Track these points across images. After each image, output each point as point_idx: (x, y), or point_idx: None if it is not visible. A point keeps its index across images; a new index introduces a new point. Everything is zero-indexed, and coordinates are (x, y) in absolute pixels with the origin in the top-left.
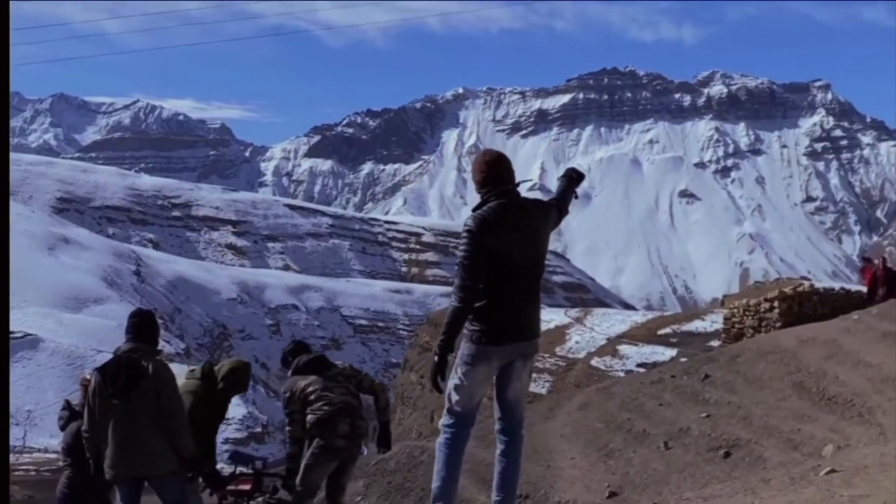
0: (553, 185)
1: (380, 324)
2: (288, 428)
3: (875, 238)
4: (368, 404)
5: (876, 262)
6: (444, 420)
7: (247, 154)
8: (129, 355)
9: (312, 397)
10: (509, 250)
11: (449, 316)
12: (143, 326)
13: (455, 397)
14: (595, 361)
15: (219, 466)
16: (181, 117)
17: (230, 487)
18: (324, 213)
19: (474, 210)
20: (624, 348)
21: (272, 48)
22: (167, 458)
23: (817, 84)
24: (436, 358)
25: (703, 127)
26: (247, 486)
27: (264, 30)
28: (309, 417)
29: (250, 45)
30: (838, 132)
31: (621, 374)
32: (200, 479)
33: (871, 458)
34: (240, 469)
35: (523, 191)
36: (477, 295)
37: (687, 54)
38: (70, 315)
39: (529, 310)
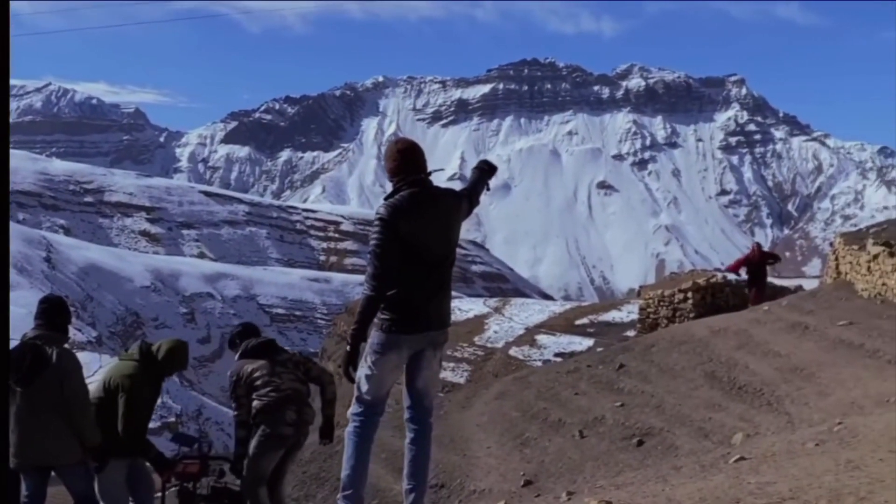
0: None
1: (297, 312)
2: (235, 413)
3: (786, 231)
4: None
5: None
6: (353, 409)
7: (161, 139)
8: (34, 342)
9: (259, 382)
10: (421, 239)
11: (361, 305)
12: (51, 312)
13: (364, 386)
14: (513, 351)
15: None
16: (94, 101)
17: (177, 470)
18: (240, 201)
19: (386, 198)
20: (542, 338)
21: (187, 32)
22: (71, 448)
23: (732, 79)
24: (348, 347)
25: (622, 119)
26: (194, 469)
27: (179, 13)
28: (255, 403)
29: (165, 28)
30: (752, 127)
31: (539, 364)
32: (147, 463)
33: (778, 445)
34: (184, 450)
35: (441, 180)
36: (389, 283)
37: (606, 47)
38: None
39: (440, 299)
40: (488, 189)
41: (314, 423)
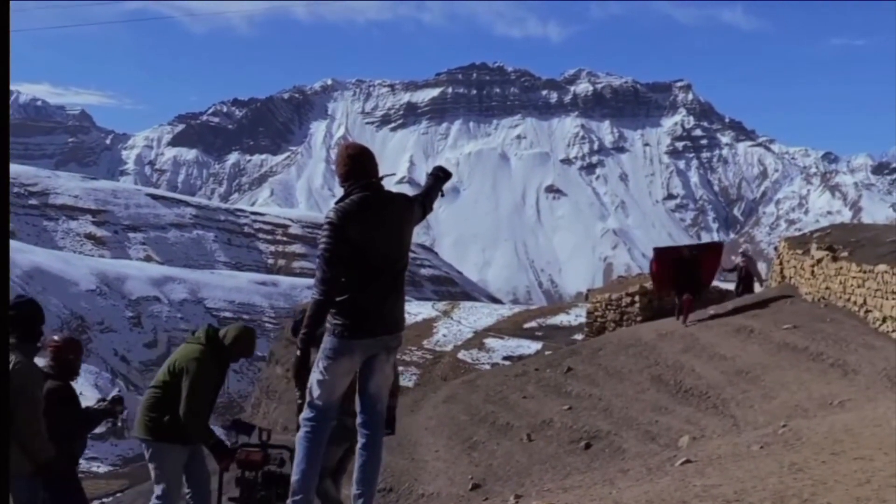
0: (422, 178)
1: (245, 316)
2: (299, 401)
3: (732, 235)
4: None
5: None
6: (304, 414)
7: (108, 142)
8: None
9: None
10: (371, 243)
11: (310, 309)
12: (19, 319)
13: (316, 391)
14: (462, 354)
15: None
16: (39, 103)
17: (239, 458)
18: (188, 204)
19: (337, 202)
20: (490, 341)
21: (132, 34)
22: (16, 461)
23: (679, 84)
24: (298, 352)
25: (570, 124)
26: (257, 458)
27: (123, 15)
28: None
29: (109, 29)
30: (698, 132)
31: (487, 367)
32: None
33: (724, 448)
34: (242, 438)
35: (390, 184)
36: (338, 288)
37: (554, 52)
38: None
39: (393, 303)
40: (442, 195)
41: None
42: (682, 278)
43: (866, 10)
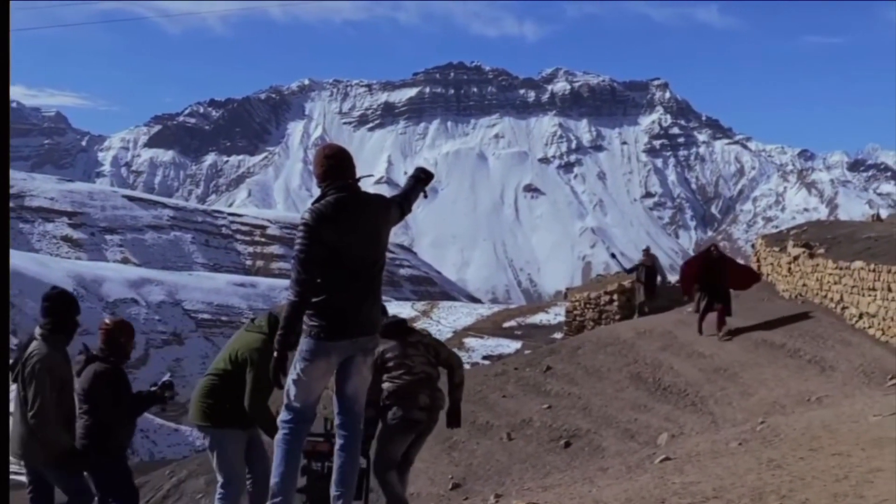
0: (400, 178)
1: (223, 318)
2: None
3: (710, 233)
4: None
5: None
6: (282, 416)
7: (83, 143)
8: (32, 337)
9: (391, 364)
10: (347, 245)
11: (286, 311)
12: (49, 310)
13: (293, 393)
14: None
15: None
16: (14, 104)
17: (305, 449)
18: (165, 205)
19: (313, 203)
20: (470, 341)
21: (107, 35)
22: (34, 451)
23: (656, 83)
24: (275, 354)
25: (547, 123)
26: (324, 448)
27: (97, 15)
28: (387, 385)
29: (83, 30)
30: (676, 130)
31: (467, 367)
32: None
33: (702, 445)
34: None
35: (368, 185)
36: (314, 289)
37: (531, 51)
38: None
39: (369, 305)
40: (425, 196)
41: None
42: (708, 277)
43: (841, 9)
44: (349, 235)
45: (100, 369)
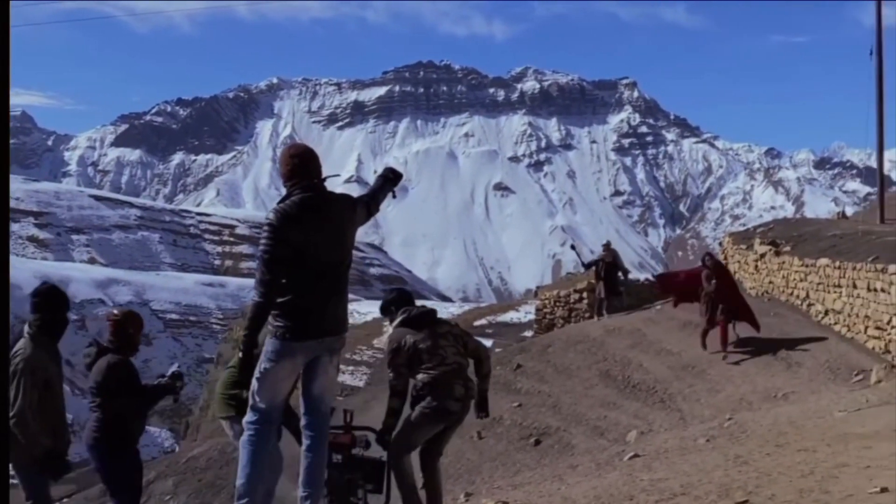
0: (370, 177)
1: (192, 318)
2: (393, 382)
3: (678, 231)
4: None
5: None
6: (248, 417)
7: (49, 143)
8: (20, 334)
9: (424, 355)
10: (312, 245)
11: (251, 311)
12: (38, 306)
13: (259, 393)
14: None
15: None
16: None
17: (328, 441)
18: (132, 205)
19: (278, 203)
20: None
21: (73, 34)
22: (16, 453)
23: (624, 82)
24: (240, 354)
25: (517, 122)
26: (345, 440)
27: (63, 14)
28: (421, 377)
29: (49, 30)
30: (644, 129)
31: None
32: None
33: (671, 442)
34: None
35: (336, 185)
36: (279, 289)
37: (499, 50)
38: None
39: (335, 305)
40: (394, 196)
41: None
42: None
43: (806, 8)
44: (314, 235)
45: (112, 361)
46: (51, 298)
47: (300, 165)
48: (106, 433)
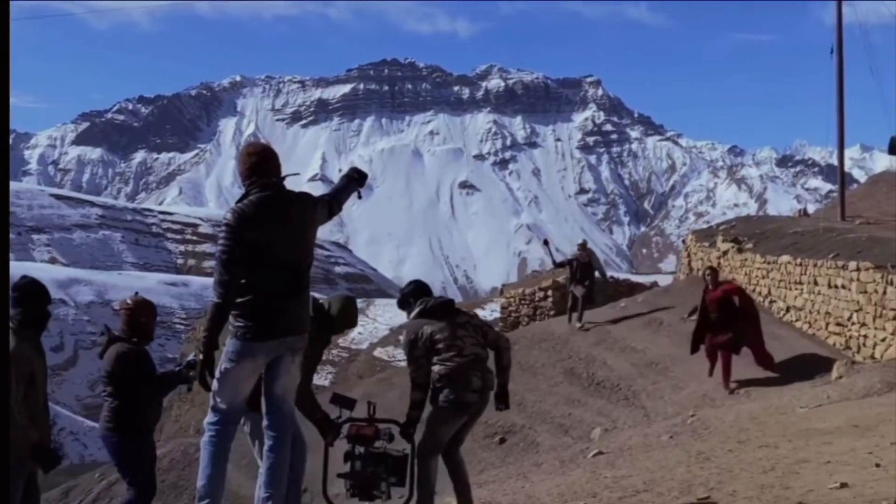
0: (334, 175)
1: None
2: (413, 374)
3: (643, 228)
4: None
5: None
6: (208, 418)
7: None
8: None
9: (441, 346)
10: (271, 244)
11: (209, 312)
12: (18, 300)
13: (219, 394)
14: (378, 352)
15: None
16: None
17: (350, 433)
18: (93, 204)
19: (237, 203)
20: None
21: (32, 30)
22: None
23: (589, 80)
24: (200, 356)
25: (482, 120)
26: (369, 432)
27: (21, 11)
28: (437, 368)
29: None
30: (609, 127)
31: (404, 365)
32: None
33: (634, 439)
34: (344, 412)
35: (301, 182)
36: (239, 290)
37: (464, 48)
38: None
39: (296, 305)
40: (360, 197)
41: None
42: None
43: (767, 7)
44: (273, 235)
45: (122, 350)
46: (31, 291)
47: (258, 164)
48: (118, 422)
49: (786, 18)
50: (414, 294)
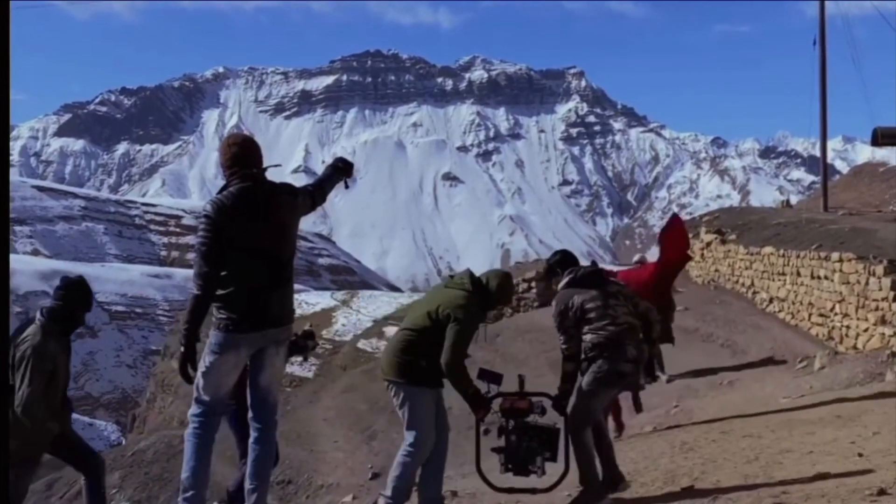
0: (318, 167)
1: (138, 310)
2: (563, 346)
3: (626, 220)
4: None
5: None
6: (192, 410)
7: None
8: (30, 320)
9: (593, 315)
10: (251, 236)
11: (190, 304)
12: (60, 296)
13: (202, 386)
14: (361, 344)
15: None
16: None
17: (504, 407)
18: (76, 195)
19: (217, 194)
20: (390, 330)
21: (12, 20)
22: (22, 445)
23: (572, 71)
24: (182, 348)
25: (465, 111)
26: (524, 406)
27: None
28: (589, 337)
29: None
30: (592, 118)
31: None
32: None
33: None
34: (492, 387)
35: (284, 173)
36: (221, 281)
37: (447, 39)
38: None
39: (279, 296)
40: (346, 186)
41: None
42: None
43: None
44: (253, 226)
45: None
46: (73, 291)
47: (240, 155)
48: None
49: (768, 9)
50: (561, 264)
